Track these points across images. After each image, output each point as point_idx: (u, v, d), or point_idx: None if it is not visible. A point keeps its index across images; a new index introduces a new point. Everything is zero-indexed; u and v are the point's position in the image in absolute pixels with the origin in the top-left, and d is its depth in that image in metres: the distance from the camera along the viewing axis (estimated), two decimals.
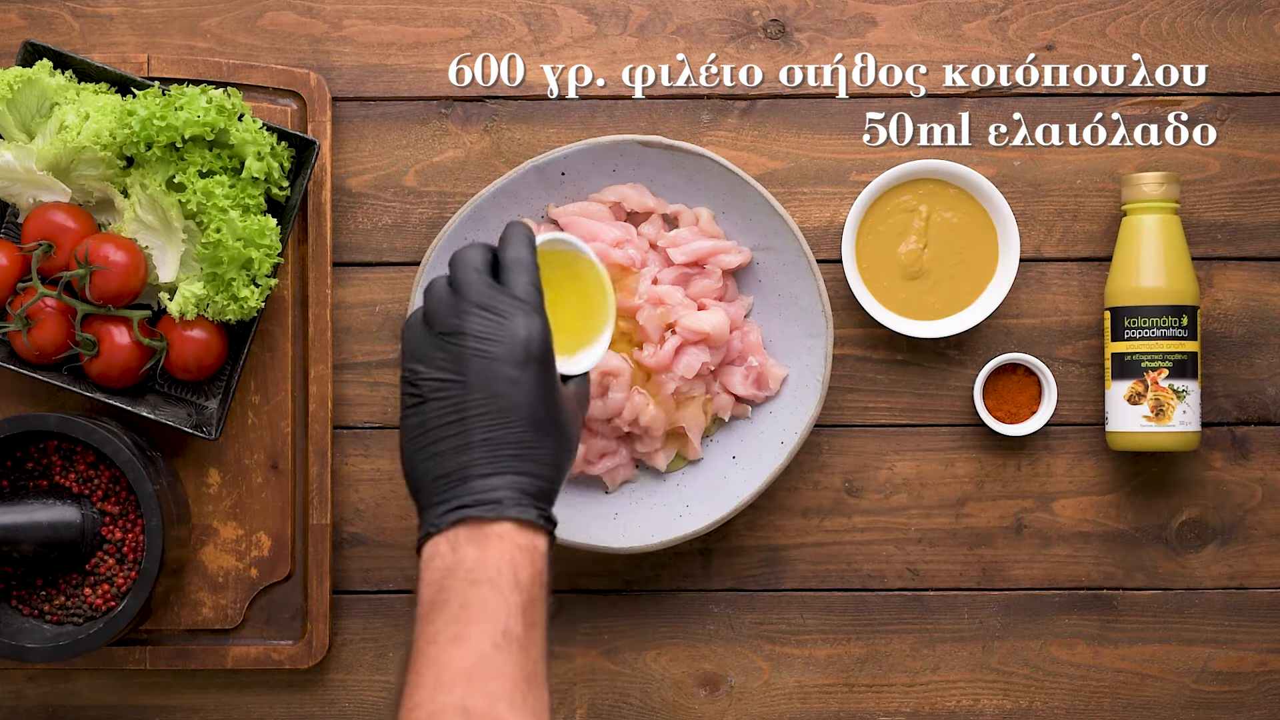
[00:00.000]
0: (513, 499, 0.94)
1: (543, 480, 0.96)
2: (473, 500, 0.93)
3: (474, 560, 0.91)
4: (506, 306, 0.96)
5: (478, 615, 0.89)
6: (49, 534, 1.16)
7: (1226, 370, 1.26)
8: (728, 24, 1.27)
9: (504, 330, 0.96)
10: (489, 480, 0.94)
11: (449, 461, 0.95)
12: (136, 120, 1.15)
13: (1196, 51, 1.27)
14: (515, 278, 0.98)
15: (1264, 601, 1.26)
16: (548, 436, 0.96)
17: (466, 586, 0.90)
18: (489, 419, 0.95)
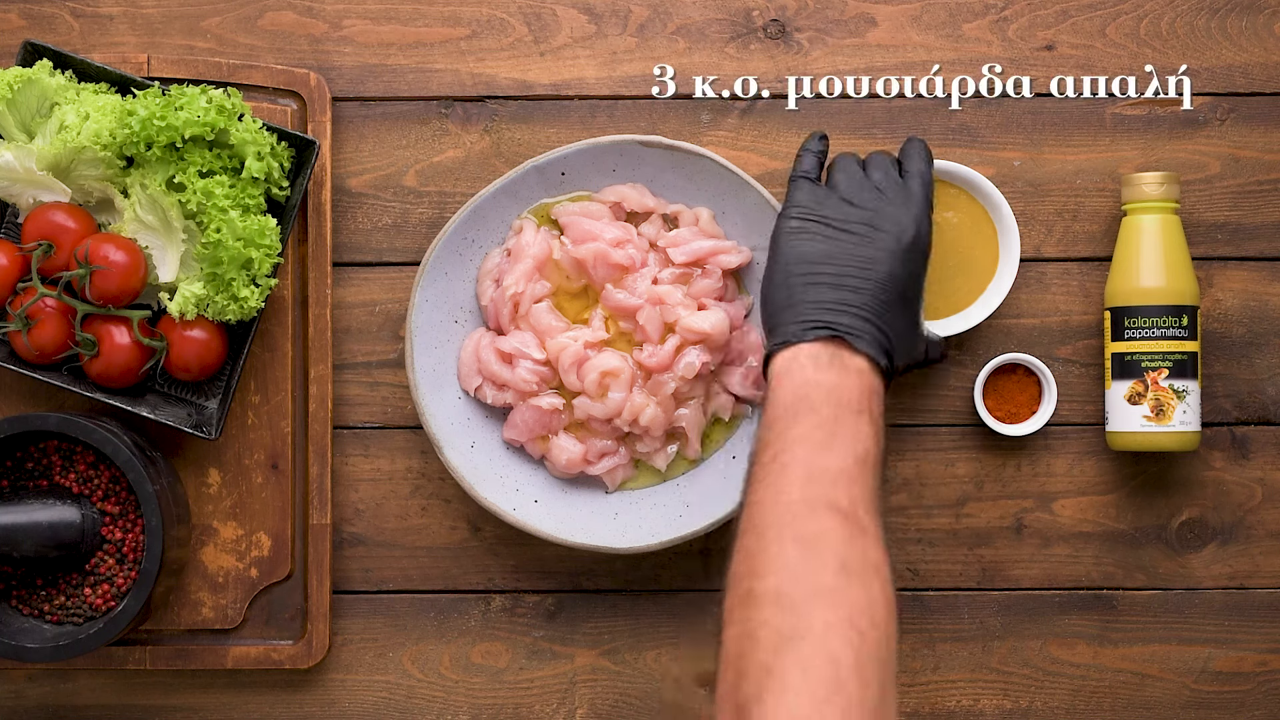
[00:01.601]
0: (872, 340, 1.03)
1: (894, 344, 1.05)
2: (843, 328, 1.03)
3: (837, 383, 1.00)
4: (906, 201, 1.09)
5: (845, 430, 0.98)
6: (49, 534, 1.16)
7: (1226, 370, 1.26)
8: (728, 24, 1.27)
9: (901, 216, 1.08)
10: (857, 321, 1.04)
11: (825, 294, 1.05)
12: (136, 120, 1.15)
13: (1196, 51, 1.27)
14: (913, 183, 1.12)
15: (1264, 601, 1.26)
16: (906, 315, 1.07)
17: (834, 404, 0.99)
18: (868, 275, 1.05)
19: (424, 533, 1.26)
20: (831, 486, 0.95)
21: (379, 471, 1.26)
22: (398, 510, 1.26)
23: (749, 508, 0.96)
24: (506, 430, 1.23)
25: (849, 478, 0.96)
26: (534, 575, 1.27)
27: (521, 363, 1.21)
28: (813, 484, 0.95)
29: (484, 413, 1.24)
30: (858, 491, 0.96)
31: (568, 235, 1.22)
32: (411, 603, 1.26)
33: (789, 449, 0.97)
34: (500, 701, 1.26)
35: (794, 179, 1.13)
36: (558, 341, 1.20)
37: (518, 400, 1.22)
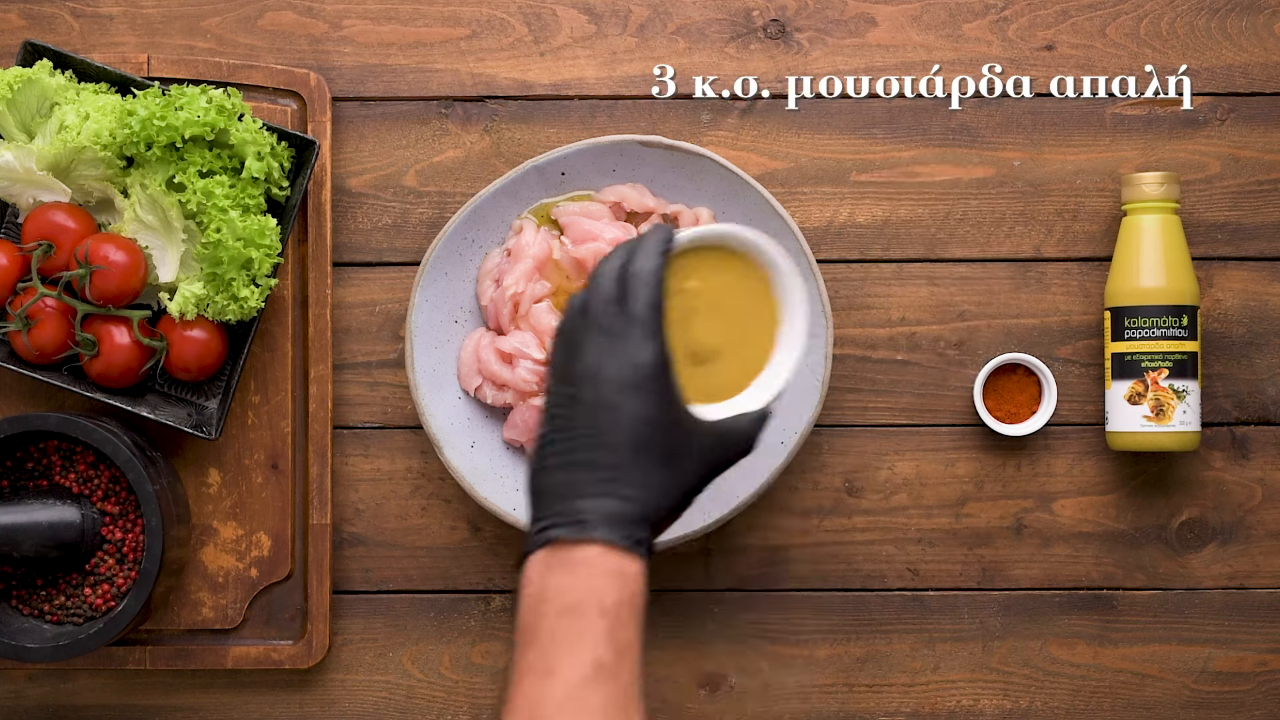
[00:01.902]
0: (601, 520, 0.93)
1: (640, 505, 0.94)
2: (563, 520, 0.93)
3: (564, 587, 0.92)
4: (621, 327, 0.96)
5: (566, 647, 0.90)
6: (49, 534, 1.16)
7: (1226, 370, 1.26)
8: (728, 24, 1.27)
9: (616, 352, 0.95)
10: (583, 501, 0.94)
11: (554, 478, 0.95)
12: (136, 120, 1.15)
13: (1196, 51, 1.27)
14: (635, 293, 0.97)
15: (1264, 601, 1.26)
16: (651, 463, 0.95)
17: (555, 617, 0.91)
18: (590, 440, 0.94)
19: (424, 533, 1.26)
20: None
21: (379, 471, 1.26)
22: (398, 510, 1.26)
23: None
24: (506, 430, 1.23)
25: (574, 707, 0.88)
26: None
27: (521, 363, 1.21)
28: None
29: (484, 413, 1.24)
30: (587, 719, 0.88)
31: (568, 235, 1.22)
32: (411, 603, 1.26)
33: (517, 687, 0.90)
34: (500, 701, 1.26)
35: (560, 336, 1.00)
36: None
37: (518, 400, 1.22)
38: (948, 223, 1.27)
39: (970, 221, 1.27)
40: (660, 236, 0.99)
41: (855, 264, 1.26)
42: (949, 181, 1.26)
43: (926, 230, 1.26)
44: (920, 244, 1.27)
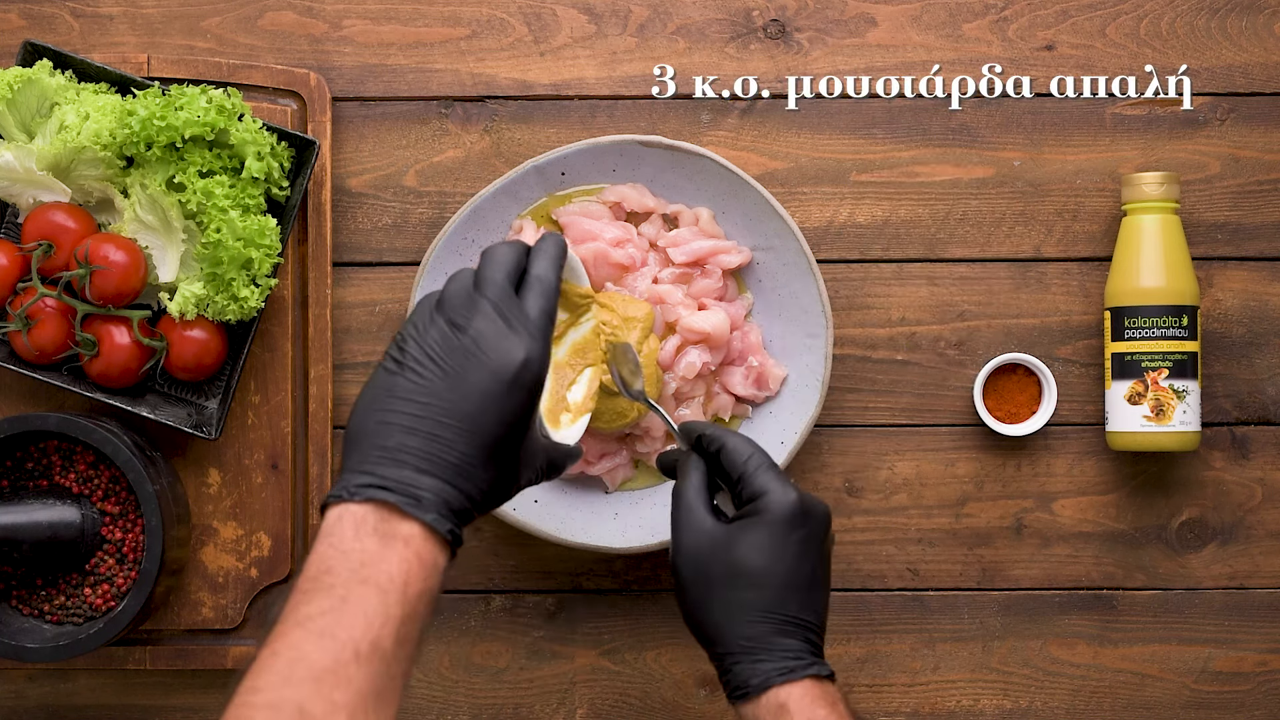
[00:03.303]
0: (434, 503, 0.90)
1: (469, 501, 0.92)
2: (395, 485, 0.90)
3: (371, 555, 0.87)
4: (515, 322, 0.94)
5: (352, 617, 0.85)
6: (49, 534, 1.16)
7: (1226, 370, 1.26)
8: (728, 24, 1.27)
9: (503, 343, 0.93)
10: (419, 476, 0.90)
11: (392, 435, 0.91)
12: (136, 120, 1.15)
13: (1196, 51, 1.27)
14: (532, 297, 0.96)
15: (1264, 601, 1.26)
16: (495, 464, 0.93)
17: (354, 582, 0.86)
18: (449, 419, 0.91)
19: None
20: (311, 688, 0.82)
21: None
22: None
23: (234, 698, 0.83)
24: None
25: (335, 678, 0.83)
26: (534, 575, 1.27)
27: None
28: (289, 685, 0.82)
29: None
30: (342, 695, 0.82)
31: (568, 235, 1.22)
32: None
33: (286, 634, 0.84)
34: (500, 701, 1.26)
35: (419, 300, 1.01)
36: None
37: None
38: (948, 223, 1.27)
39: (970, 221, 1.27)
40: (558, 249, 0.99)
41: (855, 264, 1.26)
42: (949, 181, 1.27)
43: (926, 230, 1.26)
44: (920, 244, 1.27)
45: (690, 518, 1.04)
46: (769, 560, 1.01)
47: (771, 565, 1.01)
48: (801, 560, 1.02)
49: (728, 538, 1.02)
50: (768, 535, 1.01)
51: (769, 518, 1.01)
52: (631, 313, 1.18)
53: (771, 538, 1.01)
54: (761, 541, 1.01)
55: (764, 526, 1.01)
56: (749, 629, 1.01)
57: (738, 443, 1.05)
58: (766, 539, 1.01)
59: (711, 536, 1.02)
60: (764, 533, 1.01)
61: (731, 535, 1.02)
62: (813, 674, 1.00)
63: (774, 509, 1.01)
